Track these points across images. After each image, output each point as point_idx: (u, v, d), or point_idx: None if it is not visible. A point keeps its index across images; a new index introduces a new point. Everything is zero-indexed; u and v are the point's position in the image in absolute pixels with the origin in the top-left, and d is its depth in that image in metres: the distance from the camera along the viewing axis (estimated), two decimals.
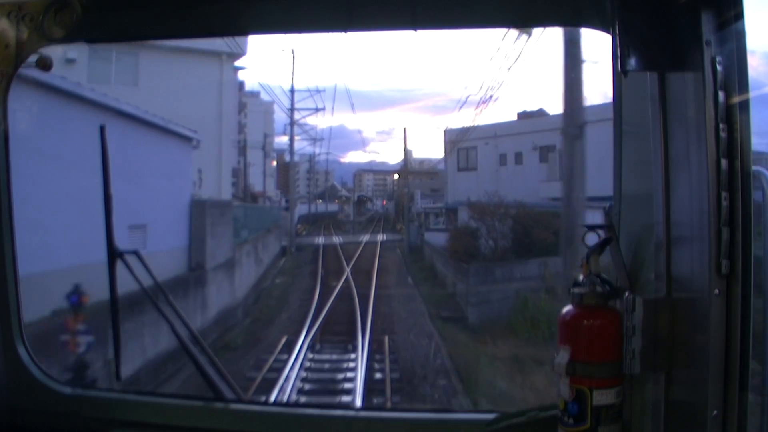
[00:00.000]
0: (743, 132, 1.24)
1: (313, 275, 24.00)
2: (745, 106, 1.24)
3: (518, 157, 29.50)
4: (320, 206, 70.16)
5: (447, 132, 32.93)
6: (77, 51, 14.71)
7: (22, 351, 1.97)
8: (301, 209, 55.92)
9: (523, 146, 28.79)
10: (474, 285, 17.26)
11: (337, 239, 40.03)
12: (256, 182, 41.72)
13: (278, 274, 24.79)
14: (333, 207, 74.24)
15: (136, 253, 2.02)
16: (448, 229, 28.76)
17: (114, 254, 1.95)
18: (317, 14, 1.87)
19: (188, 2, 1.88)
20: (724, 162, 1.23)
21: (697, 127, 1.28)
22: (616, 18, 1.33)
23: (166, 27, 1.97)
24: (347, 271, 23.88)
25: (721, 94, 1.23)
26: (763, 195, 1.31)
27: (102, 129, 2.05)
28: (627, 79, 1.48)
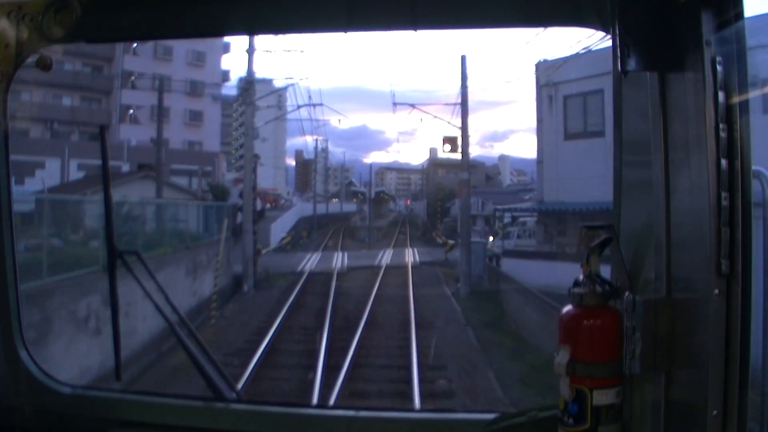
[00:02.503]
0: (743, 132, 1.24)
1: None
2: (745, 106, 1.24)
3: None
4: (334, 206, 61.77)
5: (540, 67, 19.00)
6: None
7: (22, 351, 1.97)
8: (303, 209, 47.86)
9: None
10: None
11: (338, 261, 25.08)
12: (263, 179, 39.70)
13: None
14: (350, 207, 66.14)
15: (136, 253, 2.03)
16: (553, 253, 16.61)
17: (114, 254, 1.95)
18: (317, 14, 1.87)
19: (188, 2, 1.88)
20: (724, 162, 1.23)
21: (697, 127, 1.28)
22: (616, 18, 1.33)
23: (166, 27, 1.97)
24: None
25: (721, 94, 1.23)
26: (763, 195, 1.31)
27: (102, 129, 2.06)
28: (627, 79, 1.48)
